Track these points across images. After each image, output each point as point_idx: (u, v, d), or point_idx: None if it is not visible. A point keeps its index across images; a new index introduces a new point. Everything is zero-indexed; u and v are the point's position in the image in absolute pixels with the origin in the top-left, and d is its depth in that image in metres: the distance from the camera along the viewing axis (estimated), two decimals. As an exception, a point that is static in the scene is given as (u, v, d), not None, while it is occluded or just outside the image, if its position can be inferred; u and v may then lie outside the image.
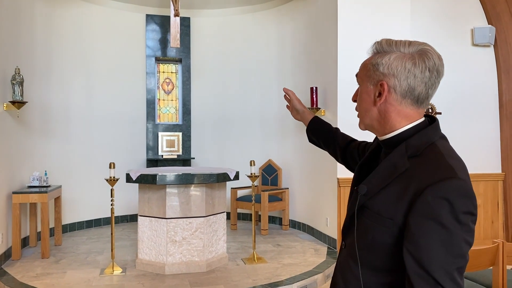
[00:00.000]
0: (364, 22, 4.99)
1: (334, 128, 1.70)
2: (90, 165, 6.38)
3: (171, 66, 7.25)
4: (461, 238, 0.97)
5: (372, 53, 1.17)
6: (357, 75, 1.21)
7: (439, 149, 1.07)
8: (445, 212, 0.96)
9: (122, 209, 6.62)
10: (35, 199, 4.81)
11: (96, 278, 4.10)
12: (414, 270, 0.99)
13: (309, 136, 1.77)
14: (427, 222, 0.98)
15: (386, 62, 1.11)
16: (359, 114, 1.21)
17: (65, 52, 6.16)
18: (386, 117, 1.14)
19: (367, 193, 1.12)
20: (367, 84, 1.15)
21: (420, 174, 1.03)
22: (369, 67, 1.14)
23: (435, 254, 0.97)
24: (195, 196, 4.31)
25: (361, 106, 1.19)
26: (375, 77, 1.13)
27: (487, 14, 5.49)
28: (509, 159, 5.55)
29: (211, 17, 7.08)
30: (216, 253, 4.48)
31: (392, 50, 1.11)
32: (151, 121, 6.95)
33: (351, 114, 4.89)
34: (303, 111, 1.77)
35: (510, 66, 5.53)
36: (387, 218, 1.05)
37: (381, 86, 1.12)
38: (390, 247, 1.06)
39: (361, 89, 1.18)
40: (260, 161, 6.63)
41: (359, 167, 1.32)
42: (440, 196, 0.97)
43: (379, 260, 1.09)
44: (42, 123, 5.81)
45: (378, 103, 1.14)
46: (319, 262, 4.60)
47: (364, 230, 1.12)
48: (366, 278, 1.12)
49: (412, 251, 0.99)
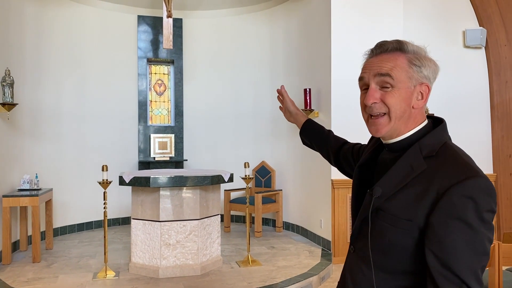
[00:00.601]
0: (357, 23, 5.00)
1: (327, 130, 1.69)
2: (81, 168, 6.31)
3: (163, 67, 7.20)
4: (485, 236, 0.98)
5: (395, 51, 1.13)
6: (389, 74, 1.11)
7: (454, 148, 1.09)
8: (470, 211, 0.97)
9: (114, 212, 6.55)
10: (25, 203, 4.74)
11: (89, 282, 4.05)
12: (438, 270, 0.99)
13: (302, 139, 1.76)
14: (452, 221, 0.97)
15: (429, 65, 1.12)
16: (394, 115, 1.11)
17: (56, 53, 6.09)
18: (413, 119, 1.14)
19: (382, 195, 1.10)
20: (408, 85, 1.11)
21: (441, 174, 1.02)
22: (411, 67, 1.11)
23: (461, 253, 0.97)
24: (189, 199, 4.28)
25: (399, 107, 1.11)
26: (418, 78, 1.12)
27: (478, 16, 5.53)
28: (501, 160, 5.61)
29: (203, 18, 7.05)
30: (211, 256, 4.45)
31: (424, 54, 1.13)
32: (143, 122, 6.89)
33: (345, 115, 4.93)
34: (296, 113, 1.75)
35: (501, 68, 5.59)
36: (405, 219, 1.04)
37: (426, 88, 1.13)
38: (408, 249, 1.05)
39: (400, 89, 1.11)
40: (254, 163, 6.61)
41: (358, 168, 1.30)
42: (465, 195, 0.97)
43: (396, 262, 1.08)
44: (33, 125, 5.73)
45: (417, 105, 1.13)
46: (314, 264, 4.60)
47: (379, 233, 1.10)
48: (380, 282, 1.10)
49: (436, 252, 0.99)
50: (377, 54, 1.15)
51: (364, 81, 1.16)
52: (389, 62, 1.12)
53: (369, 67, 1.15)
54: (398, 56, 1.12)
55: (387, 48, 1.14)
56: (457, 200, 0.97)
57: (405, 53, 1.12)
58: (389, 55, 1.13)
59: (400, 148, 1.14)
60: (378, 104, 1.12)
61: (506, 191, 5.60)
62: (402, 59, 1.11)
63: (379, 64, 1.13)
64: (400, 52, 1.12)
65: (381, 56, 1.14)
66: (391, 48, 1.13)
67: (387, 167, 1.15)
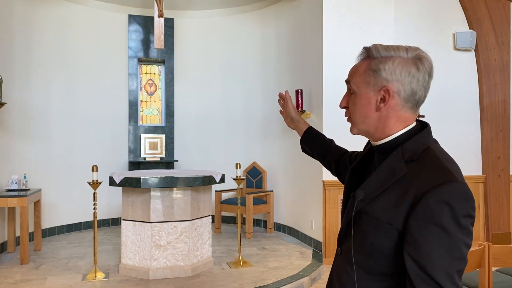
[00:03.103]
0: (348, 24, 5.02)
1: (328, 139, 1.68)
2: (70, 168, 6.24)
3: (154, 67, 7.16)
4: (461, 241, 0.99)
5: (365, 58, 1.16)
6: (349, 81, 1.18)
7: (435, 152, 1.09)
8: (446, 216, 0.97)
9: (104, 213, 6.49)
10: (14, 203, 4.67)
11: (78, 284, 4.00)
12: (415, 273, 1.00)
13: (303, 147, 1.74)
14: (428, 226, 0.98)
15: (389, 67, 1.10)
16: (354, 120, 1.18)
17: (45, 52, 6.02)
18: (386, 122, 1.14)
19: (364, 198, 1.12)
20: (366, 90, 1.14)
21: (420, 178, 1.03)
22: (368, 72, 1.13)
23: (436, 257, 0.98)
24: (180, 200, 4.25)
25: (358, 113, 1.16)
26: (376, 82, 1.12)
27: (468, 19, 5.59)
28: (490, 161, 5.66)
29: (195, 18, 7.02)
30: (201, 257, 4.43)
31: (392, 55, 1.11)
32: (133, 122, 6.84)
33: (336, 116, 4.94)
34: (297, 120, 1.74)
35: (490, 70, 5.65)
36: (386, 223, 1.05)
37: (386, 92, 1.11)
38: (389, 252, 1.06)
39: (358, 95, 1.15)
40: (245, 164, 6.60)
41: (350, 172, 1.31)
42: (441, 200, 0.98)
43: (378, 264, 1.09)
44: (22, 125, 5.65)
45: (381, 109, 1.13)
46: (305, 265, 4.60)
47: (362, 235, 1.11)
48: (363, 283, 1.12)
49: (413, 255, 1.00)
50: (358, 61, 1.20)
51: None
52: (353, 69, 1.17)
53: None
54: (363, 62, 1.15)
55: (360, 55, 1.18)
56: (433, 205, 0.98)
57: (372, 59, 1.13)
58: (359, 63, 1.17)
59: (388, 150, 1.16)
60: (347, 110, 1.20)
61: (495, 192, 5.66)
62: (364, 65, 1.14)
63: (350, 71, 1.19)
64: (367, 59, 1.15)
65: (357, 63, 1.18)
66: (362, 55, 1.17)
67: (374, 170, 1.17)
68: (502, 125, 5.72)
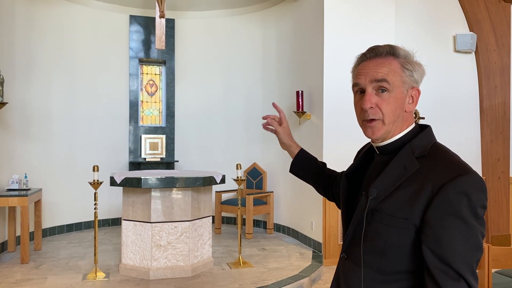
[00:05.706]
0: (349, 26, 5.03)
1: (321, 163, 1.63)
2: (71, 168, 6.25)
3: (155, 67, 7.17)
4: (479, 231, 1.01)
5: (387, 56, 1.14)
6: (385, 79, 1.12)
7: (444, 148, 1.13)
8: (465, 207, 0.99)
9: (104, 213, 6.50)
10: (14, 203, 4.68)
11: (79, 283, 4.01)
12: (435, 265, 1.01)
13: (294, 170, 1.67)
14: (448, 217, 1.00)
15: (418, 69, 1.15)
16: (387, 120, 1.14)
17: (46, 53, 6.03)
18: (406, 121, 1.17)
19: (377, 196, 1.12)
20: (402, 90, 1.14)
21: (435, 172, 1.05)
22: (404, 71, 1.14)
23: (457, 248, 0.99)
24: (181, 200, 4.26)
25: (393, 112, 1.14)
26: (409, 82, 1.15)
27: (469, 21, 5.60)
28: (489, 163, 5.68)
29: (196, 19, 7.04)
30: (202, 258, 4.43)
31: (413, 58, 1.16)
32: (134, 123, 6.85)
33: (336, 117, 4.95)
34: (290, 144, 1.68)
35: (490, 73, 5.66)
36: (402, 218, 1.06)
37: (416, 92, 1.17)
38: (405, 248, 1.07)
39: (394, 94, 1.13)
40: (245, 164, 6.61)
41: (345, 176, 1.32)
42: (459, 192, 1.00)
43: (393, 263, 1.09)
44: (23, 125, 5.66)
45: (411, 108, 1.17)
46: (305, 266, 4.60)
47: (375, 234, 1.11)
48: (375, 285, 1.11)
49: (432, 247, 1.01)
50: (370, 58, 1.16)
51: (360, 86, 1.17)
52: (384, 67, 1.13)
53: (364, 72, 1.15)
54: (392, 60, 1.14)
55: (380, 53, 1.15)
56: (452, 197, 1.00)
57: (397, 58, 1.14)
58: (383, 60, 1.14)
59: (392, 150, 1.17)
60: (374, 109, 1.14)
61: (495, 194, 5.67)
62: (395, 63, 1.13)
63: (374, 69, 1.13)
64: (393, 57, 1.14)
65: (375, 60, 1.15)
66: (384, 52, 1.15)
67: (380, 170, 1.17)
68: (502, 127, 5.73)
